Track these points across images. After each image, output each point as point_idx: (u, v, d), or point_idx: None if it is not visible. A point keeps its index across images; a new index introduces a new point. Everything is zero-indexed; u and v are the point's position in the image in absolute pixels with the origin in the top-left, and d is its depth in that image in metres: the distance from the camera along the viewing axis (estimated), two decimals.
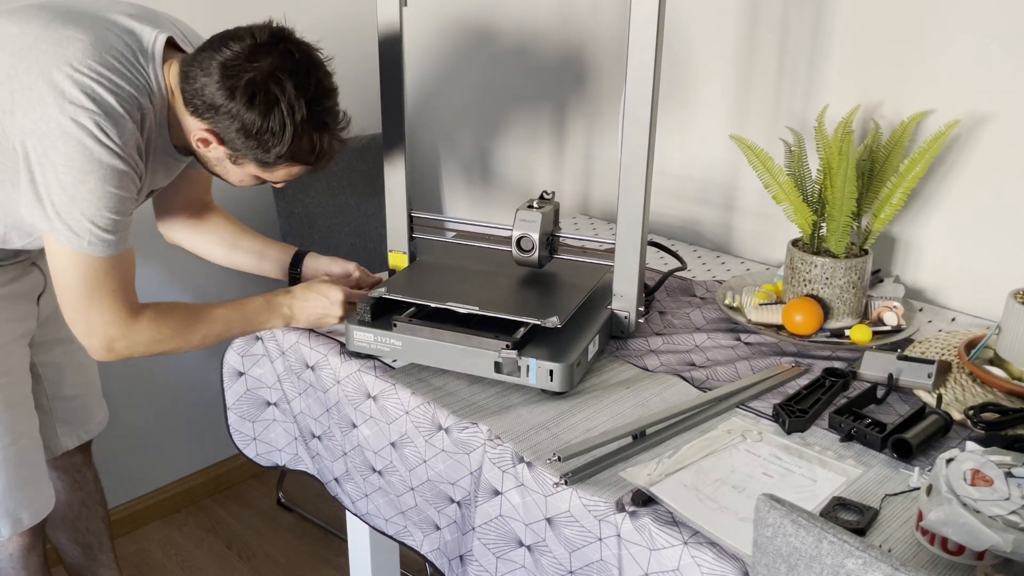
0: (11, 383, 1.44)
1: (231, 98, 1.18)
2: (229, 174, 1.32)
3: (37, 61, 1.18)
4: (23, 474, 1.47)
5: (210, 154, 1.28)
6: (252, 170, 1.29)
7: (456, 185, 2.48)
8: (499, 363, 1.24)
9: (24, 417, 1.47)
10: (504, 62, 2.23)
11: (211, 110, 1.20)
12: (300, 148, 1.23)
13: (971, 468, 0.91)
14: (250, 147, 1.22)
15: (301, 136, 1.21)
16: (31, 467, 1.49)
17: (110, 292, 1.23)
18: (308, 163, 1.27)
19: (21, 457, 1.46)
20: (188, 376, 2.33)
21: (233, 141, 1.22)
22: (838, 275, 1.41)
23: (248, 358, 1.50)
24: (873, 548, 0.70)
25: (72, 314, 1.24)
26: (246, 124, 1.19)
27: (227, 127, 1.21)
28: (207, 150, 1.27)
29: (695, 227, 1.95)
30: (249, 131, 1.20)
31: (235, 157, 1.26)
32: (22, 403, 1.47)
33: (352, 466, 1.37)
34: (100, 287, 1.22)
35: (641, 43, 1.23)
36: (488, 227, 1.51)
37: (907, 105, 1.56)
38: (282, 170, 1.27)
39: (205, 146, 1.26)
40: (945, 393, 1.24)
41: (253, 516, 2.39)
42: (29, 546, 1.52)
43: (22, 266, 1.47)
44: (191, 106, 1.23)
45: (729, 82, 1.81)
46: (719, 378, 1.30)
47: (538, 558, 1.11)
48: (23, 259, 1.47)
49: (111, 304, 1.23)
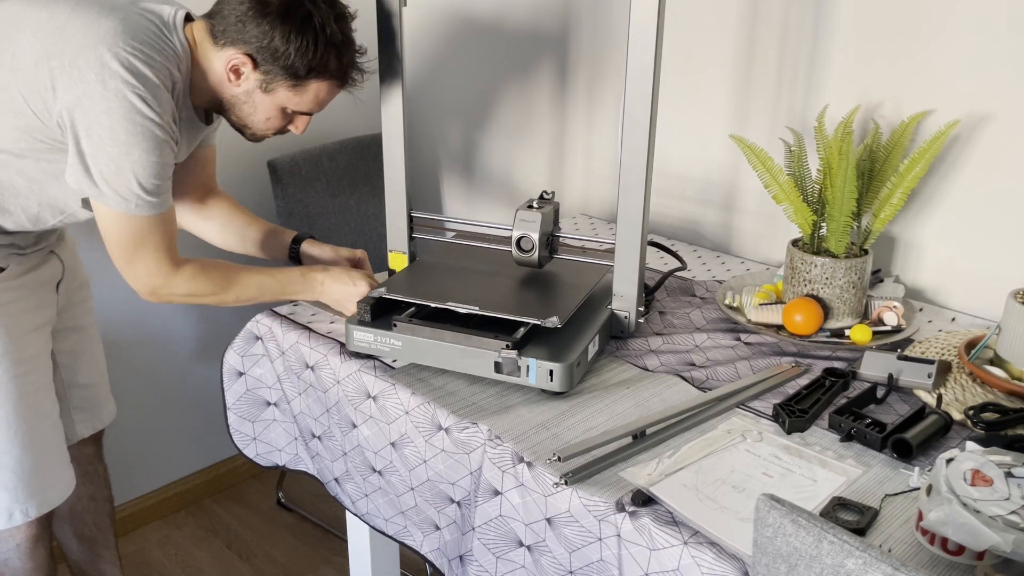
0: (34, 369, 1.47)
1: (264, 14, 1.27)
2: (256, 112, 1.37)
3: (72, 41, 1.24)
4: (44, 458, 1.49)
5: (240, 88, 1.34)
6: (282, 97, 1.34)
7: (456, 185, 2.48)
8: (499, 363, 1.24)
9: (46, 402, 1.50)
10: (504, 62, 2.23)
11: (245, 32, 1.28)
12: (330, 61, 1.32)
13: (971, 468, 0.91)
14: (283, 62, 1.29)
15: (331, 49, 1.31)
16: (52, 451, 1.52)
17: (153, 247, 1.33)
18: (338, 78, 1.35)
19: (47, 439, 1.50)
20: (188, 376, 2.33)
21: (266, 60, 1.30)
22: (838, 275, 1.41)
23: (248, 358, 1.50)
24: (873, 548, 0.70)
25: (121, 265, 1.34)
26: (280, 36, 1.27)
27: (261, 45, 1.29)
28: (238, 83, 1.33)
29: (695, 227, 1.95)
30: (283, 44, 1.28)
31: (266, 83, 1.32)
32: (44, 388, 1.50)
33: (352, 466, 1.37)
34: (144, 243, 1.32)
35: (641, 43, 1.23)
36: (488, 227, 1.51)
37: (907, 105, 1.56)
38: (312, 89, 1.34)
39: (237, 77, 1.32)
40: (945, 393, 1.24)
41: (253, 516, 2.39)
42: (36, 537, 1.53)
43: (41, 254, 1.51)
44: (223, 38, 1.31)
45: (729, 82, 1.81)
46: (719, 378, 1.30)
47: (538, 558, 1.11)
48: (43, 247, 1.51)
49: (155, 258, 1.33)
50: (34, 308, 1.49)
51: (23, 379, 1.45)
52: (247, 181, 2.26)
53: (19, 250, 1.45)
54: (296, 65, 1.30)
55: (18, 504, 1.46)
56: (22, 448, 1.45)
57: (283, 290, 1.44)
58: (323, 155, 2.26)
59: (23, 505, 1.47)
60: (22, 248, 1.46)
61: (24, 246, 1.46)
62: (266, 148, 2.23)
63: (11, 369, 1.43)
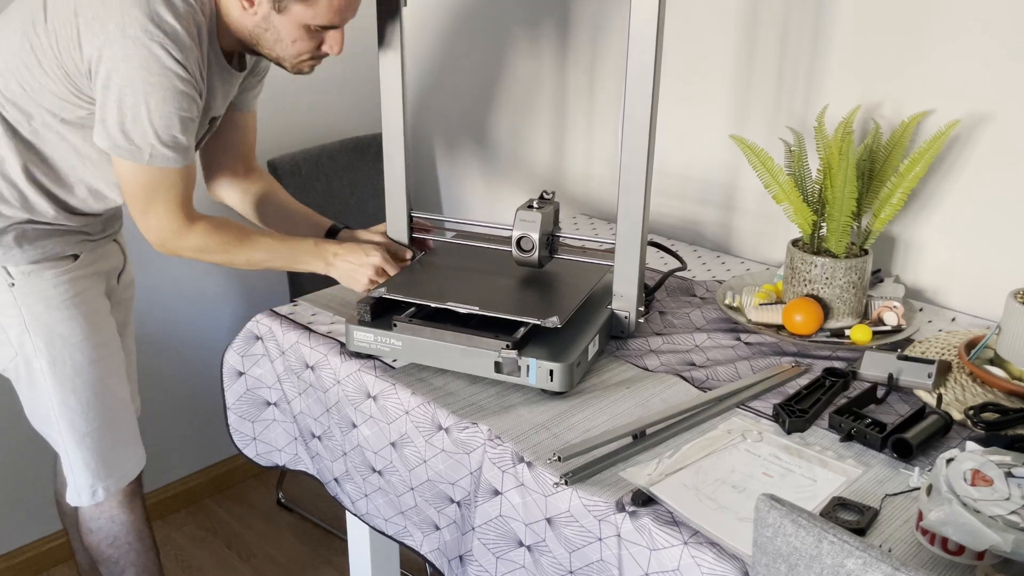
0: (109, 353, 1.54)
1: None
2: (281, 38, 1.33)
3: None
4: (122, 437, 1.57)
5: (258, 15, 1.30)
6: (298, 13, 1.29)
7: (456, 185, 2.48)
8: (499, 363, 1.24)
9: (120, 384, 1.56)
10: (504, 62, 2.23)
11: None
12: None
13: (971, 468, 0.91)
14: None
15: None
16: (128, 430, 1.59)
17: (165, 201, 1.33)
18: None
19: (124, 419, 1.57)
20: (188, 376, 2.33)
21: None
22: (838, 275, 1.41)
23: (248, 358, 1.50)
24: (873, 548, 0.70)
25: (135, 215, 1.35)
26: None
27: None
28: (253, 9, 1.29)
29: (695, 227, 1.95)
30: None
31: (277, 2, 1.28)
32: (118, 371, 1.56)
33: (352, 466, 1.37)
34: (156, 195, 1.32)
35: (641, 43, 1.23)
36: (488, 227, 1.51)
37: (907, 105, 1.56)
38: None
39: (251, 4, 1.29)
40: (945, 393, 1.24)
41: (253, 516, 2.39)
42: (132, 491, 1.61)
43: (107, 242, 1.57)
44: None
45: (729, 82, 1.81)
46: (719, 378, 1.30)
47: (538, 558, 1.11)
48: (109, 234, 1.56)
49: (167, 211, 1.33)
50: (104, 294, 1.55)
51: (101, 363, 1.51)
52: None
53: (89, 237, 1.50)
54: None
55: (100, 481, 1.55)
56: (101, 429, 1.52)
57: (294, 257, 1.43)
58: (323, 155, 2.26)
59: (104, 482, 1.55)
60: (91, 236, 1.51)
61: (93, 233, 1.51)
62: (266, 148, 2.23)
63: (91, 353, 1.49)
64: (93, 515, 1.59)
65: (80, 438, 1.50)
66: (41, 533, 2.14)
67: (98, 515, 1.59)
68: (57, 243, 1.45)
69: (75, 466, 1.52)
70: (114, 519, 1.59)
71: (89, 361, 1.48)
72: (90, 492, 1.54)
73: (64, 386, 1.47)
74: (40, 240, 1.43)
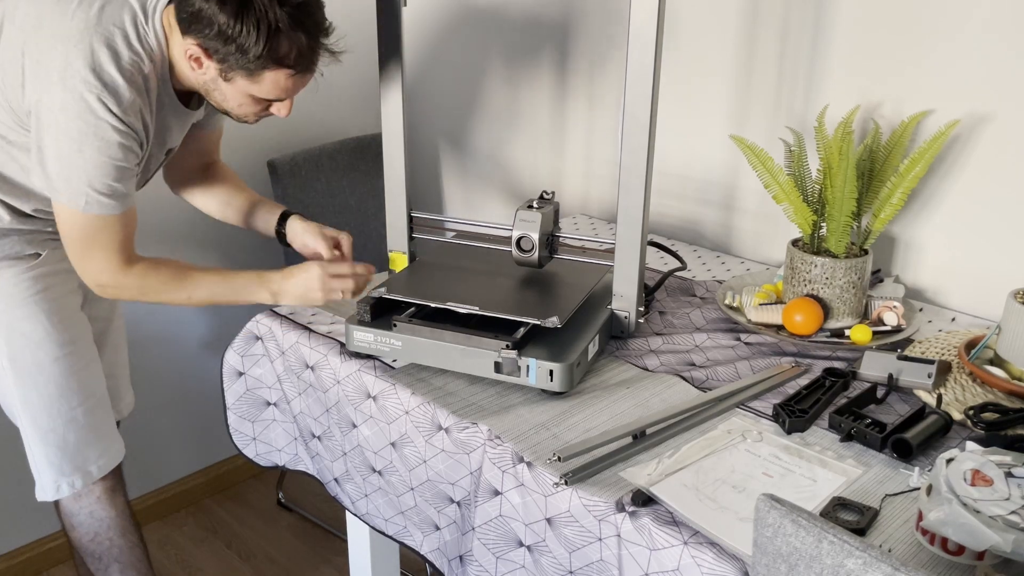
0: (78, 350, 1.52)
1: (209, 3, 1.21)
2: (227, 99, 1.34)
3: (44, 37, 1.25)
4: (93, 430, 1.55)
5: (205, 76, 1.30)
6: (243, 85, 1.29)
7: (456, 185, 2.48)
8: (499, 363, 1.24)
9: (91, 380, 1.55)
10: (504, 63, 2.23)
11: (195, 20, 1.23)
12: (278, 48, 1.24)
13: (971, 468, 0.91)
14: (230, 52, 1.24)
15: (277, 35, 1.23)
16: (101, 423, 1.57)
17: (103, 246, 1.33)
18: (289, 66, 1.27)
19: (92, 415, 1.55)
20: (188, 376, 2.33)
21: (217, 49, 1.25)
22: (838, 275, 1.41)
23: (248, 358, 1.50)
24: (873, 548, 0.70)
25: (72, 258, 1.36)
26: (221, 25, 1.21)
27: (208, 34, 1.23)
28: (201, 72, 1.30)
29: (695, 227, 1.95)
30: (226, 33, 1.22)
31: (224, 71, 1.28)
32: (88, 367, 1.55)
33: (352, 466, 1.37)
34: (95, 241, 1.33)
35: (641, 43, 1.23)
36: (488, 227, 1.51)
37: (907, 105, 1.56)
38: (268, 78, 1.27)
39: (198, 66, 1.29)
40: (945, 393, 1.24)
41: (253, 516, 2.39)
42: (112, 488, 1.60)
43: None
44: (182, 25, 1.26)
45: (729, 82, 1.81)
46: (719, 378, 1.30)
47: (538, 558, 1.11)
48: None
49: (104, 256, 1.34)
50: (74, 291, 1.54)
51: (67, 360, 1.50)
52: (247, 180, 2.24)
53: (52, 236, 1.48)
54: (246, 56, 1.24)
55: (64, 477, 1.53)
56: (65, 426, 1.51)
57: (236, 292, 1.42)
58: (323, 155, 2.26)
59: (69, 478, 1.53)
60: (55, 234, 1.48)
61: (56, 232, 1.48)
62: (266, 148, 2.23)
63: (53, 352, 1.48)
64: (72, 510, 1.59)
65: (43, 434, 1.50)
66: (41, 533, 2.14)
67: (77, 510, 1.59)
68: (16, 242, 1.45)
69: (38, 461, 1.52)
70: (93, 515, 1.59)
71: (52, 359, 1.48)
72: (54, 487, 1.53)
73: (25, 383, 1.47)
74: None
